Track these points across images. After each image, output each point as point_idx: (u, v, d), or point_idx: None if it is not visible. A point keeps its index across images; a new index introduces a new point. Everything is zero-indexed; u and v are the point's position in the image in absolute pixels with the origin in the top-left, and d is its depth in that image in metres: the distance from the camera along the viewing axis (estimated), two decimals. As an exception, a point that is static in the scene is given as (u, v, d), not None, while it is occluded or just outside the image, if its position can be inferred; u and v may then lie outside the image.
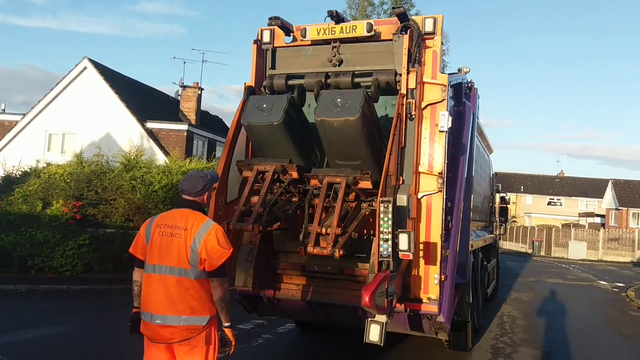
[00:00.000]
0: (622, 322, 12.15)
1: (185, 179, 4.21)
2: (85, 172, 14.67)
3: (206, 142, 25.00)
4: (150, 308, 3.92)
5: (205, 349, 3.95)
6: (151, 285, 3.94)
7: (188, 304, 3.88)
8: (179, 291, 3.87)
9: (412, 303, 6.13)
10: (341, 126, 5.80)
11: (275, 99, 6.30)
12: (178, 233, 3.92)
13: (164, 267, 3.91)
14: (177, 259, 3.89)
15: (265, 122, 6.12)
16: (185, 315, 3.87)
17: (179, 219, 4.00)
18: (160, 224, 4.01)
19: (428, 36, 6.42)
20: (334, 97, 5.96)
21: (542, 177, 68.14)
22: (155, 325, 3.88)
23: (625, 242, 37.42)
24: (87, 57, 22.79)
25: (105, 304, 11.09)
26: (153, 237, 3.99)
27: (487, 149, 12.28)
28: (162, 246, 3.94)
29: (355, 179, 5.92)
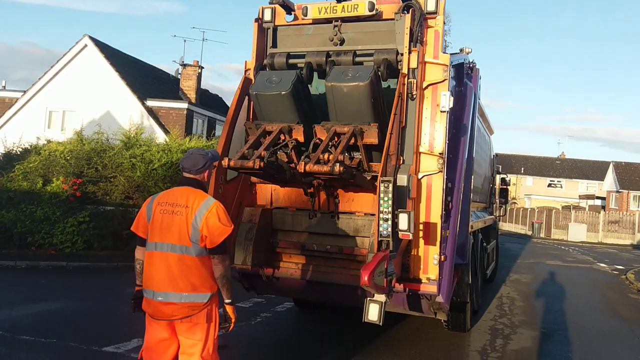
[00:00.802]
0: (621, 305, 12.20)
1: (186, 156, 4.21)
2: (86, 149, 14.67)
3: (206, 120, 24.93)
4: (152, 285, 3.95)
5: (206, 326, 3.99)
6: (153, 262, 3.97)
7: (189, 281, 3.90)
8: (181, 268, 3.90)
9: (412, 283, 6.14)
10: (351, 91, 5.89)
11: (285, 74, 6.40)
12: (179, 211, 3.94)
13: (166, 245, 3.93)
14: (178, 236, 3.91)
15: (273, 91, 6.20)
16: (186, 293, 3.89)
17: (180, 196, 4.02)
18: (162, 202, 4.04)
19: (430, 16, 6.35)
20: (345, 69, 6.12)
21: (543, 158, 68.06)
22: (157, 302, 3.92)
23: (626, 225, 37.47)
24: (88, 34, 22.65)
25: (104, 280, 11.14)
26: (154, 215, 4.01)
27: (488, 130, 12.22)
28: (163, 224, 3.96)
29: (362, 130, 5.92)
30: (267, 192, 6.97)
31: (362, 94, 5.91)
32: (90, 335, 7.12)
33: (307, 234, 6.65)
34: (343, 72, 6.07)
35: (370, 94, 5.92)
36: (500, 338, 8.28)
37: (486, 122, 11.47)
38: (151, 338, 4.05)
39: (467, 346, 7.74)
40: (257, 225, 6.45)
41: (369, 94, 5.91)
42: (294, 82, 6.22)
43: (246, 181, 6.82)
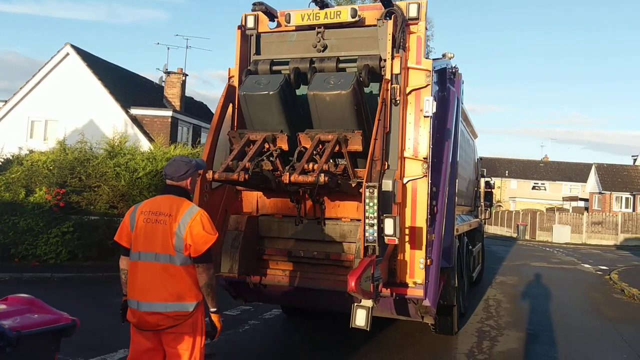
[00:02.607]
0: (606, 305, 12.32)
1: (169, 164, 4.18)
2: (69, 159, 14.53)
3: (191, 128, 24.83)
4: (136, 295, 3.91)
5: (192, 336, 3.95)
6: (137, 272, 3.93)
7: (174, 291, 3.86)
8: (165, 278, 3.86)
9: (398, 287, 6.16)
10: (333, 100, 5.93)
11: (273, 77, 6.54)
12: (162, 219, 3.90)
13: (150, 254, 3.89)
14: (162, 245, 3.87)
15: (262, 92, 6.29)
16: (171, 302, 3.85)
17: (163, 205, 3.98)
18: (145, 210, 3.99)
19: (412, 21, 6.40)
20: (327, 77, 6.15)
21: (527, 161, 68.63)
22: (142, 312, 3.87)
23: (609, 226, 37.87)
24: (70, 43, 22.47)
25: (90, 291, 11.03)
26: (137, 224, 3.97)
27: (472, 134, 12.32)
28: (147, 233, 3.92)
29: (346, 137, 5.93)
30: (253, 200, 6.96)
31: (345, 102, 5.94)
32: (76, 346, 7.02)
33: (294, 240, 6.65)
34: (325, 79, 6.10)
35: (353, 102, 5.95)
36: (487, 340, 8.32)
37: (470, 126, 11.56)
38: (136, 348, 3.99)
39: (454, 349, 7.77)
40: (243, 232, 6.44)
41: (352, 101, 5.95)
42: (282, 84, 6.32)
43: (231, 189, 6.81)
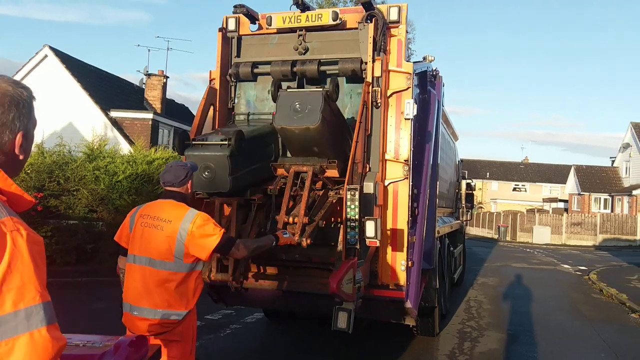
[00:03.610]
0: (585, 305, 12.47)
1: (166, 170, 4.15)
2: (47, 162, 14.33)
3: (172, 130, 24.67)
4: (129, 298, 3.91)
5: (181, 344, 3.92)
6: (131, 275, 3.93)
7: (165, 297, 3.82)
8: (157, 283, 3.82)
9: (380, 289, 6.18)
10: (302, 133, 5.72)
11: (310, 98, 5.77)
12: (160, 225, 3.88)
13: (144, 258, 3.87)
14: (157, 250, 3.84)
15: (301, 125, 5.69)
16: (161, 309, 3.81)
17: (162, 210, 3.97)
18: (144, 214, 3.99)
19: (393, 25, 6.43)
20: (292, 102, 5.73)
21: (507, 163, 69.23)
22: (133, 316, 3.87)
23: (588, 227, 38.31)
24: (48, 45, 22.23)
25: (69, 296, 10.89)
26: (135, 227, 3.97)
27: (453, 136, 12.40)
28: (143, 237, 3.91)
29: (322, 167, 5.93)
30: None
31: (315, 134, 5.69)
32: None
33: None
34: (291, 106, 5.70)
35: (324, 130, 5.71)
36: (469, 341, 8.37)
37: (451, 128, 11.63)
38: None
39: (436, 350, 7.81)
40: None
41: (322, 130, 5.69)
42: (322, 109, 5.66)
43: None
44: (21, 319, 1.29)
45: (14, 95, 1.58)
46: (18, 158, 1.64)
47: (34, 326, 1.31)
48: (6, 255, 1.31)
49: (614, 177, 48.99)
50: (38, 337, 1.30)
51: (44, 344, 1.31)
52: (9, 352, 1.26)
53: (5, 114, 1.56)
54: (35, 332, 1.30)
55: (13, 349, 1.26)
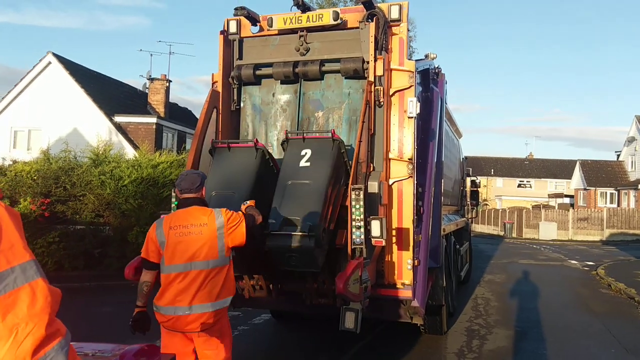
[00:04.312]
0: (593, 300, 12.42)
1: (182, 179, 4.38)
2: (53, 168, 14.40)
3: (176, 134, 24.75)
4: (175, 302, 4.09)
5: (220, 338, 4.31)
6: (174, 282, 4.11)
7: (216, 291, 4.14)
8: (207, 281, 4.11)
9: (387, 289, 6.18)
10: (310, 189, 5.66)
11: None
12: (197, 230, 4.15)
13: (186, 264, 4.10)
14: (201, 253, 4.10)
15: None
16: (213, 302, 4.13)
17: (193, 217, 4.20)
18: (173, 225, 4.18)
19: (394, 23, 6.44)
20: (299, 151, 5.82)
21: (512, 159, 69.05)
22: (183, 316, 4.08)
23: (594, 222, 38.15)
24: (51, 51, 22.34)
25: (77, 301, 10.93)
26: (169, 239, 4.15)
27: (457, 134, 12.38)
28: (180, 246, 4.12)
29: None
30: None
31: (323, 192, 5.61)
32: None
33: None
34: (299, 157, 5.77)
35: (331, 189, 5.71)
36: (477, 339, 8.36)
37: (454, 125, 11.62)
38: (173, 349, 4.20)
39: (444, 348, 7.79)
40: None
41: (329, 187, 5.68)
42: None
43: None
44: (18, 274, 1.48)
45: None
46: None
47: (30, 278, 1.51)
48: None
49: (619, 172, 48.82)
50: (36, 286, 1.51)
51: (43, 291, 1.52)
52: (13, 303, 1.43)
53: None
54: (33, 282, 1.51)
55: (17, 300, 1.44)
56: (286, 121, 6.96)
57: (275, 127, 7.01)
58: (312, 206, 5.45)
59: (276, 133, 6.98)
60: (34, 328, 1.43)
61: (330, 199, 5.66)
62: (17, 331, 1.40)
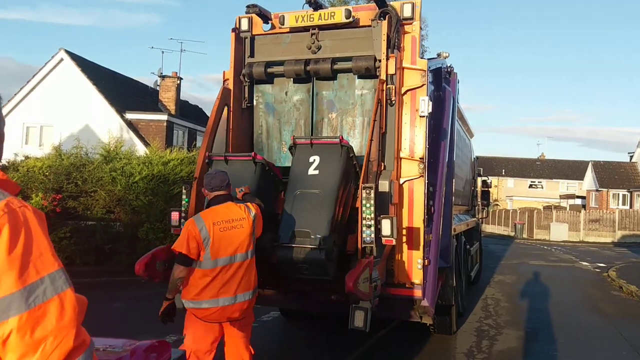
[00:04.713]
0: (604, 302, 12.33)
1: (213, 177, 4.65)
2: (65, 164, 14.48)
3: (186, 131, 24.81)
4: (219, 294, 4.34)
5: (250, 324, 4.80)
6: (218, 275, 4.34)
7: (253, 278, 4.58)
8: (248, 270, 4.50)
9: (396, 288, 6.16)
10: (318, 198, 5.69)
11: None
12: (239, 224, 4.47)
13: (231, 257, 4.38)
14: (243, 244, 4.45)
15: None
16: (253, 289, 4.56)
17: (232, 212, 4.51)
18: (216, 221, 4.40)
19: (406, 21, 6.41)
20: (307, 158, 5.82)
21: (523, 160, 68.66)
22: (228, 306, 4.36)
23: (606, 223, 37.87)
24: (64, 48, 22.44)
25: (89, 296, 10.89)
26: (214, 235, 4.35)
27: (468, 133, 12.32)
28: (225, 240, 4.37)
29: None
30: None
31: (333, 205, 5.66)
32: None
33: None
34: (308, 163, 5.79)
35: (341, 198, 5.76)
36: (486, 339, 8.32)
37: (466, 125, 11.56)
38: (204, 342, 4.46)
39: (453, 348, 7.76)
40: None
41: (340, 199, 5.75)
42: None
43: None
44: (47, 285, 1.41)
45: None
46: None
47: (60, 289, 1.44)
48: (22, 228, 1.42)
49: (632, 173, 48.42)
50: (64, 297, 1.44)
51: (71, 302, 1.45)
52: (42, 316, 1.38)
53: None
54: (62, 294, 1.44)
55: (46, 312, 1.38)
56: (300, 119, 6.96)
57: (290, 125, 7.01)
58: (322, 217, 5.48)
59: (290, 131, 6.99)
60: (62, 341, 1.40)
61: (340, 207, 5.68)
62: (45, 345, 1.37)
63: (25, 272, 1.39)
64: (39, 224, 1.49)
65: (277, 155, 7.02)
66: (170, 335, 7.44)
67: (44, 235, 1.49)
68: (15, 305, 1.35)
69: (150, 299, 9.76)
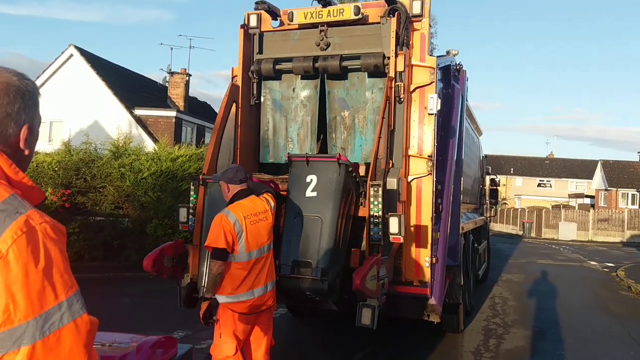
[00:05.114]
0: (612, 302, 12.27)
1: (236, 171, 4.73)
2: (74, 160, 14.54)
3: (195, 128, 24.86)
4: (254, 285, 4.45)
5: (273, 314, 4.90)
6: (253, 267, 4.45)
7: (273, 269, 4.73)
8: (271, 261, 4.66)
9: (404, 286, 6.15)
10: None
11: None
12: (263, 217, 4.60)
13: (260, 249, 4.51)
14: (268, 237, 4.62)
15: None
16: (274, 279, 4.70)
17: (257, 205, 4.61)
18: (246, 215, 4.47)
19: (415, 19, 6.38)
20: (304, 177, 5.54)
21: (532, 159, 68.36)
22: (263, 295, 4.50)
23: (615, 223, 37.66)
24: (73, 44, 22.54)
25: (97, 291, 11.04)
26: (247, 229, 4.43)
27: (477, 132, 12.28)
28: (255, 232, 4.48)
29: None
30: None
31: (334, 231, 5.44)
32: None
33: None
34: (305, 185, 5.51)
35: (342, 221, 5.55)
36: (494, 338, 8.29)
37: (474, 123, 11.52)
38: (243, 335, 4.53)
39: (461, 347, 7.74)
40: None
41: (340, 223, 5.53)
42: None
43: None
44: (65, 310, 1.32)
45: (20, 87, 1.51)
46: (23, 153, 1.55)
47: (76, 314, 1.34)
48: (41, 249, 1.32)
49: (642, 172, 48.09)
50: (80, 323, 1.35)
51: (86, 328, 1.36)
52: (57, 343, 1.29)
53: (11, 105, 1.48)
54: (79, 319, 1.35)
55: (61, 339, 1.29)
56: (307, 116, 6.95)
57: (296, 122, 7.00)
58: (323, 246, 5.28)
59: (296, 128, 6.98)
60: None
61: (342, 229, 5.47)
62: None
63: (43, 298, 1.29)
64: (59, 241, 1.38)
65: (283, 152, 7.00)
66: (178, 331, 7.47)
67: (63, 254, 1.38)
68: (30, 334, 1.26)
69: (158, 294, 9.84)
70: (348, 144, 6.72)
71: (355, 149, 6.68)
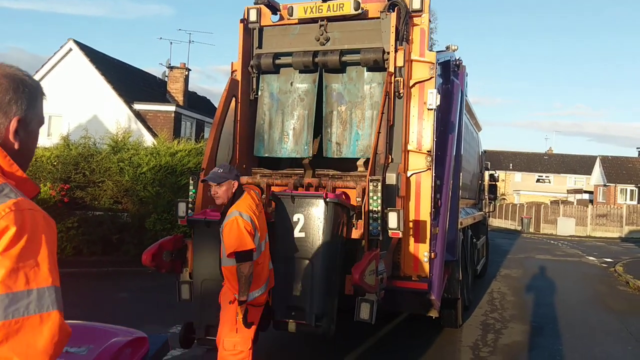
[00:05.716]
0: (611, 297, 12.29)
1: (230, 169, 4.72)
2: (73, 154, 14.53)
3: (194, 123, 24.83)
4: (265, 277, 4.63)
5: None
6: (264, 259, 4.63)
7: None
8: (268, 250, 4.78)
9: (403, 281, 6.16)
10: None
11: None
12: (261, 208, 4.72)
13: (265, 240, 4.66)
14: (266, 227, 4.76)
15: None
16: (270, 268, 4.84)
17: (254, 198, 4.68)
18: (253, 208, 4.53)
19: (415, 14, 6.38)
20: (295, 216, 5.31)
21: (531, 154, 68.34)
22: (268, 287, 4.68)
23: (614, 218, 37.72)
24: (73, 38, 22.47)
25: (96, 286, 11.07)
26: (260, 223, 4.54)
27: (476, 127, 12.28)
28: (262, 225, 4.64)
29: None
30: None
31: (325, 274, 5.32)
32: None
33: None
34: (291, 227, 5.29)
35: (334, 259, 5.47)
36: (492, 333, 8.31)
37: (474, 118, 11.52)
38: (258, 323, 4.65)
39: (459, 342, 7.76)
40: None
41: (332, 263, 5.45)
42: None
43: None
44: (34, 299, 1.26)
45: (16, 79, 1.49)
46: (13, 147, 1.49)
47: (44, 308, 1.27)
48: (26, 231, 1.29)
49: (640, 168, 48.13)
50: (47, 319, 1.27)
51: (52, 328, 1.28)
52: (14, 333, 1.22)
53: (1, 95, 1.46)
54: (45, 314, 1.27)
55: (21, 330, 1.22)
56: (303, 110, 6.94)
57: (292, 117, 6.99)
58: (316, 289, 5.14)
59: (293, 122, 6.97)
60: None
61: (333, 274, 5.32)
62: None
63: (14, 277, 1.24)
64: (46, 232, 1.35)
65: (278, 146, 6.99)
66: (177, 326, 7.48)
67: (48, 245, 1.33)
68: None
69: (157, 289, 9.85)
70: (344, 139, 6.71)
71: (351, 143, 6.68)
